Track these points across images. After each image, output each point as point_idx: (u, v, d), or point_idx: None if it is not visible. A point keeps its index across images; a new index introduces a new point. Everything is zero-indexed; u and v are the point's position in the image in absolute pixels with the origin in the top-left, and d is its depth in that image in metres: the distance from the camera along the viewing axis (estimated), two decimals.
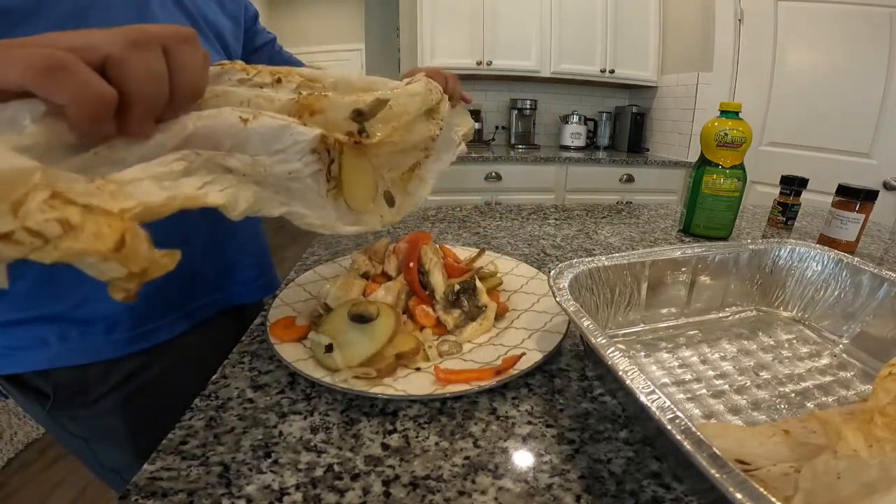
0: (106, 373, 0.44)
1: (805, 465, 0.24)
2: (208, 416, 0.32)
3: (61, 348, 0.42)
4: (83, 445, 0.49)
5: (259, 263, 0.60)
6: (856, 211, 0.68)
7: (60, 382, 0.43)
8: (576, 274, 0.42)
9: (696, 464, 0.20)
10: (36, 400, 0.44)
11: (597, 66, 2.24)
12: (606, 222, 0.87)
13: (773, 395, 0.37)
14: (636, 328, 0.46)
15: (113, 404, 0.45)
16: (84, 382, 0.44)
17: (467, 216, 0.90)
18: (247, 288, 0.57)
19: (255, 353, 0.40)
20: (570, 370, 0.39)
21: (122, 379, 0.45)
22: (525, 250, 0.69)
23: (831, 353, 0.43)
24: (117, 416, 0.46)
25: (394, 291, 0.43)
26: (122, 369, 0.45)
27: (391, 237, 0.74)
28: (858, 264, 0.45)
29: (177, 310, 0.48)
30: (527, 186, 2.07)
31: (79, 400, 0.44)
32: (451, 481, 0.27)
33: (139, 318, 0.45)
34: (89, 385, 0.44)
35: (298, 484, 0.27)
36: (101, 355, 0.43)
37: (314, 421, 0.32)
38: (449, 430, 0.31)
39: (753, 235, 0.82)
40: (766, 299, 0.50)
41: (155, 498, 0.26)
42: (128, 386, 0.46)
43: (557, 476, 0.28)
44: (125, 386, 0.45)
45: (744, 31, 1.85)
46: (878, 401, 0.27)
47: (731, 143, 0.72)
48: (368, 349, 0.35)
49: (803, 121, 1.73)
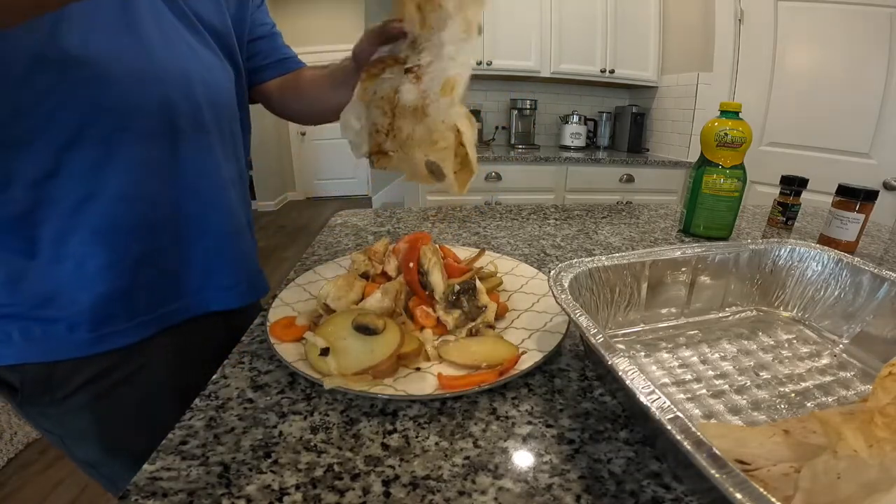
0: (72, 371, 0.44)
1: (805, 465, 0.24)
2: (208, 416, 0.32)
3: (25, 345, 0.42)
4: (58, 440, 0.49)
5: (239, 269, 0.57)
6: (856, 211, 0.68)
7: (28, 378, 0.44)
8: (576, 274, 0.42)
9: (696, 464, 0.20)
10: (9, 394, 0.45)
11: (597, 66, 2.24)
12: (606, 222, 0.87)
13: (773, 395, 0.37)
14: (636, 328, 0.46)
15: (81, 403, 0.45)
16: (51, 380, 0.44)
17: (467, 216, 0.90)
18: (224, 294, 0.54)
19: (255, 353, 0.40)
20: (570, 370, 0.39)
21: (89, 378, 0.45)
22: (525, 250, 0.69)
23: (831, 353, 0.43)
24: (87, 415, 0.46)
25: (392, 292, 0.43)
26: (90, 369, 0.45)
27: (391, 237, 0.74)
28: (858, 264, 0.45)
29: (144, 313, 0.47)
30: (527, 186, 2.07)
31: (47, 397, 0.44)
32: (451, 481, 0.27)
33: (101, 319, 0.44)
34: (56, 383, 0.44)
35: (298, 484, 0.27)
36: (64, 354, 0.43)
37: (314, 421, 0.32)
38: (449, 430, 0.31)
39: (753, 235, 0.82)
40: (766, 299, 0.50)
41: (155, 498, 0.26)
42: (96, 385, 0.46)
43: (557, 476, 0.28)
44: (93, 385, 0.45)
45: (744, 31, 1.85)
46: (878, 401, 0.27)
47: (731, 143, 0.72)
48: (366, 361, 0.35)
49: (803, 121, 1.73)
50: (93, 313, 0.44)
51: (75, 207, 0.41)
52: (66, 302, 0.42)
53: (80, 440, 0.49)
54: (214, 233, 0.52)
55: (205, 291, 0.53)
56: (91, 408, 0.46)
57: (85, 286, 0.43)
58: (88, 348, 0.44)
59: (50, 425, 0.48)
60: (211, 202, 0.51)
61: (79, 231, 0.42)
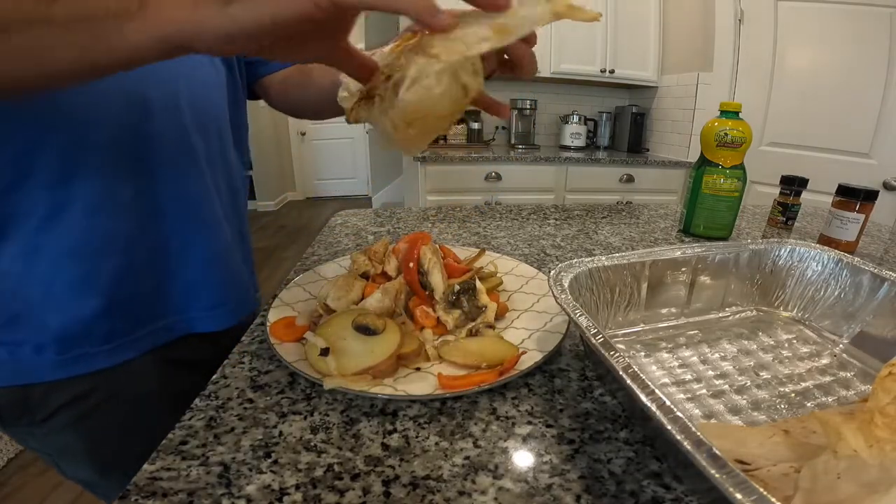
0: (47, 394, 0.42)
1: (805, 465, 0.24)
2: (208, 416, 0.32)
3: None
4: (51, 460, 0.48)
5: (226, 288, 0.53)
6: (856, 211, 0.68)
7: (2, 401, 0.42)
8: (576, 274, 0.42)
9: (696, 464, 0.20)
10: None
11: (597, 66, 2.24)
12: (606, 222, 0.87)
13: (773, 395, 0.37)
14: (636, 328, 0.46)
15: (64, 424, 0.44)
16: (27, 402, 0.42)
17: (467, 216, 0.90)
18: (209, 314, 0.51)
19: (255, 353, 0.40)
20: (570, 370, 0.39)
21: (68, 400, 0.43)
22: (525, 250, 0.69)
23: (831, 353, 0.43)
24: (72, 436, 0.45)
25: (392, 292, 0.43)
26: (66, 391, 0.43)
27: (391, 237, 0.74)
28: (858, 264, 0.45)
29: (122, 335, 0.44)
30: (527, 186, 2.07)
31: (26, 419, 0.43)
32: (451, 481, 0.27)
33: (72, 342, 0.42)
34: (34, 404, 0.42)
35: (298, 484, 0.27)
36: (33, 377, 0.41)
37: (314, 421, 0.32)
38: (449, 430, 0.31)
39: (753, 235, 0.82)
40: (766, 299, 0.50)
41: (155, 498, 0.26)
42: (77, 407, 0.44)
43: (557, 476, 0.28)
44: (74, 407, 0.43)
45: (744, 31, 1.85)
46: (878, 401, 0.27)
47: (731, 143, 0.72)
48: (365, 362, 0.35)
49: (803, 121, 1.73)
50: (62, 335, 0.41)
51: (40, 223, 0.38)
52: (33, 323, 0.40)
53: (70, 460, 0.48)
54: (198, 248, 0.49)
55: (188, 312, 0.50)
56: (75, 428, 0.44)
57: (53, 307, 0.40)
58: (59, 371, 0.42)
59: (38, 445, 0.47)
60: (193, 214, 0.48)
61: (45, 248, 0.39)
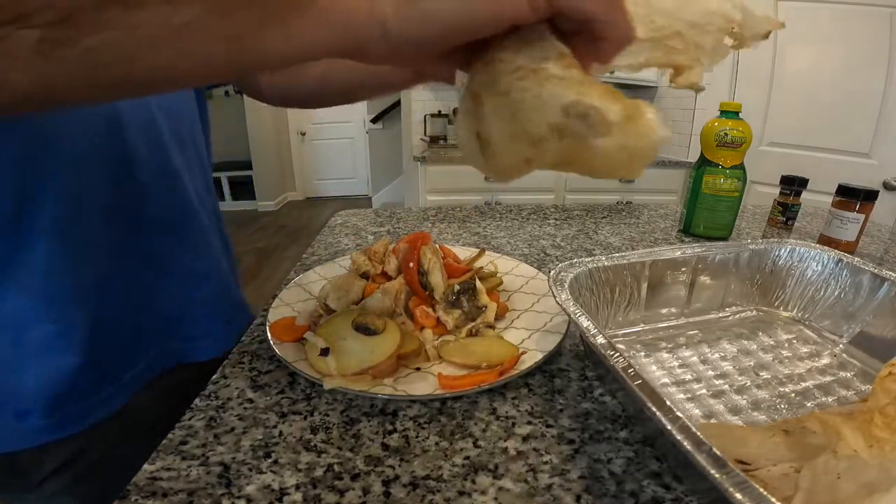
0: (37, 459, 0.38)
1: (805, 465, 0.24)
2: (208, 416, 0.32)
3: None
4: None
5: (212, 321, 0.51)
6: (856, 211, 0.68)
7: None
8: (576, 274, 0.42)
9: (696, 464, 0.20)
10: None
11: None
12: (606, 222, 0.87)
13: (773, 395, 0.37)
14: (636, 328, 0.46)
15: (60, 487, 0.40)
16: (17, 467, 0.38)
17: (467, 216, 0.90)
18: (192, 345, 0.49)
19: (255, 353, 0.40)
20: (570, 370, 0.39)
21: (61, 464, 0.39)
22: (525, 250, 0.69)
23: (831, 353, 0.43)
24: (69, 499, 0.41)
25: (392, 292, 0.43)
26: (57, 455, 0.39)
27: (391, 237, 0.74)
28: (858, 264, 0.45)
29: (111, 384, 0.41)
30: (527, 186, 2.07)
31: (18, 483, 0.39)
32: (451, 481, 0.27)
33: (55, 403, 0.37)
34: (24, 471, 0.39)
35: (298, 484, 0.27)
36: (19, 444, 0.37)
37: (314, 421, 0.32)
38: (449, 430, 0.31)
39: (753, 235, 0.82)
40: (766, 299, 0.50)
41: (155, 498, 0.26)
42: (72, 469, 0.40)
43: (557, 476, 0.28)
44: (68, 469, 0.40)
45: None
46: (878, 401, 0.27)
47: (731, 143, 0.72)
48: (365, 361, 0.35)
49: (803, 121, 1.73)
50: (42, 396, 0.37)
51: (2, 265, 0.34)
52: (9, 386, 0.36)
53: None
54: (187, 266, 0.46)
55: (171, 343, 0.47)
56: (72, 491, 0.41)
57: (29, 364, 0.36)
58: (47, 436, 0.38)
59: None
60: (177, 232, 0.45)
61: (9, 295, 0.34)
